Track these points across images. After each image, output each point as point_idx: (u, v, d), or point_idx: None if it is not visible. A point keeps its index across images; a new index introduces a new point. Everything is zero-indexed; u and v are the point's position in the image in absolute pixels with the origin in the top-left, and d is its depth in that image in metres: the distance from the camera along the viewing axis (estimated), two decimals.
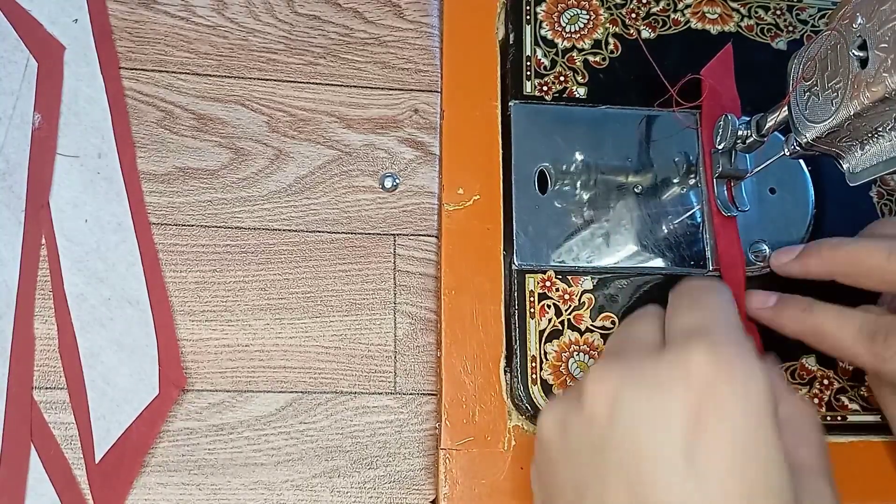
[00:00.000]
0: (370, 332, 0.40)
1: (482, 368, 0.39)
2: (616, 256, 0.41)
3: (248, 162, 0.41)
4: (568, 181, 0.42)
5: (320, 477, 0.38)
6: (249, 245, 0.40)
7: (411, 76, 0.44)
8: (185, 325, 0.39)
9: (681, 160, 0.43)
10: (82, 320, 0.38)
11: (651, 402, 0.26)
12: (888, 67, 0.28)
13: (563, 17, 0.44)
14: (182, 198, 0.40)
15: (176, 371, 0.38)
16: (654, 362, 0.27)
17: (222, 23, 0.43)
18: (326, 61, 0.43)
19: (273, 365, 0.39)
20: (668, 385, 0.26)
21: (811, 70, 0.33)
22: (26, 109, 0.40)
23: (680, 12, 0.45)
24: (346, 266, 0.41)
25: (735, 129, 0.39)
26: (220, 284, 0.40)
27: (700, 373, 0.26)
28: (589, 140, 0.42)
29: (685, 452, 0.25)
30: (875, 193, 0.44)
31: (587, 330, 0.40)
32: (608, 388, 0.27)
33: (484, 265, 0.40)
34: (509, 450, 0.38)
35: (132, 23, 0.42)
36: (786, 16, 0.46)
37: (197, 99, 0.42)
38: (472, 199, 0.41)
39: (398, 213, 0.42)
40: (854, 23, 0.30)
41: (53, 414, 0.37)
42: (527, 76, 0.43)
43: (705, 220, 0.42)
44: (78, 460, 0.37)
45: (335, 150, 0.42)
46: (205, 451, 0.38)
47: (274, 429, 0.38)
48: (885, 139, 0.31)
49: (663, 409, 0.26)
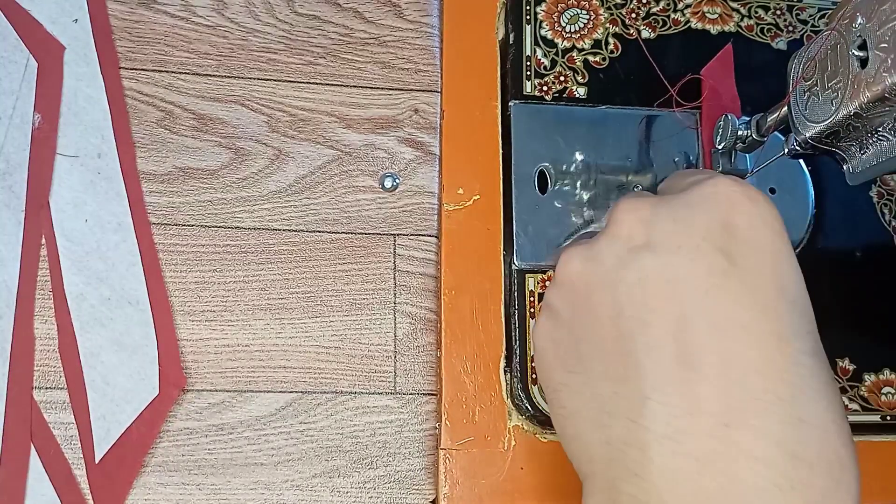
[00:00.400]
0: (370, 332, 0.40)
1: (482, 368, 0.39)
2: None
3: (248, 162, 0.41)
4: (568, 181, 0.42)
5: (320, 477, 0.38)
6: (249, 245, 0.40)
7: (411, 76, 0.44)
8: (185, 325, 0.39)
9: (681, 160, 0.43)
10: (82, 320, 0.38)
11: (686, 218, 0.27)
12: (888, 67, 0.28)
13: (563, 17, 0.44)
14: (182, 198, 0.40)
15: (176, 371, 0.38)
16: (679, 193, 0.28)
17: (222, 23, 0.43)
18: (326, 61, 0.43)
19: (273, 365, 0.39)
20: (700, 204, 0.27)
21: (811, 70, 0.33)
22: (26, 109, 0.40)
23: (680, 12, 0.45)
24: (346, 266, 0.41)
25: (735, 129, 0.39)
26: (220, 284, 0.40)
27: (726, 193, 0.27)
28: (589, 140, 0.42)
29: (725, 253, 0.26)
30: (875, 193, 0.44)
31: None
32: (640, 212, 0.28)
33: (484, 265, 0.40)
34: (509, 450, 0.38)
35: (132, 23, 0.42)
36: (786, 16, 0.46)
37: (197, 99, 0.42)
38: (472, 199, 0.41)
39: (398, 213, 0.42)
40: (854, 23, 0.30)
41: (53, 414, 0.37)
42: (527, 76, 0.43)
43: None
44: (78, 460, 0.37)
45: (335, 150, 0.42)
46: (205, 451, 0.38)
47: (274, 429, 0.38)
48: (885, 139, 0.31)
49: (699, 221, 0.27)
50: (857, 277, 0.43)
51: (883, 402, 0.41)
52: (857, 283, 0.43)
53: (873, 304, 0.42)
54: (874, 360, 0.41)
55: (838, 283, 0.42)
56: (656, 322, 0.26)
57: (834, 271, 0.42)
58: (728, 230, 0.26)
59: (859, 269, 0.43)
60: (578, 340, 0.29)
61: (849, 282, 0.43)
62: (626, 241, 0.28)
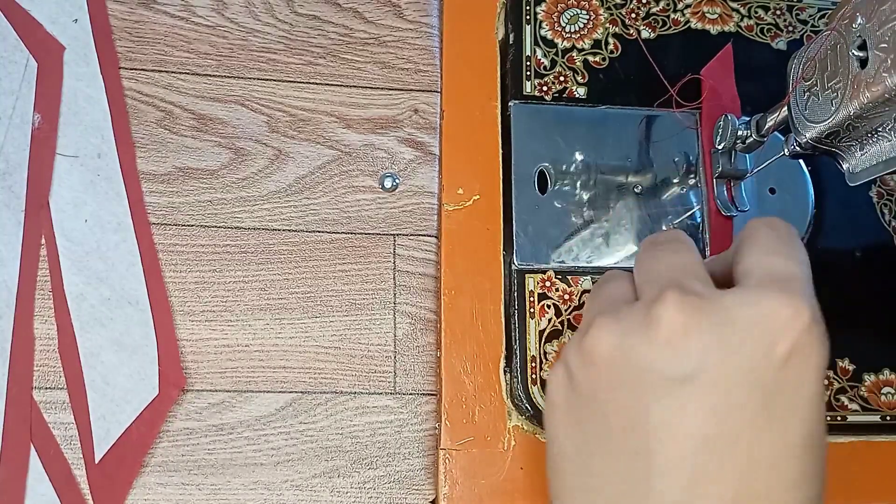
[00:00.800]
0: (370, 332, 0.40)
1: (482, 368, 0.39)
2: (616, 256, 0.41)
3: (247, 162, 0.41)
4: (568, 181, 0.42)
5: (320, 477, 0.38)
6: (249, 245, 0.40)
7: (411, 76, 0.44)
8: (185, 325, 0.39)
9: (681, 160, 0.43)
10: (82, 320, 0.38)
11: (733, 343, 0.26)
12: (888, 67, 0.28)
13: (562, 17, 0.44)
14: (182, 198, 0.40)
15: (176, 371, 0.38)
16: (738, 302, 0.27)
17: (222, 23, 0.43)
18: (326, 61, 0.43)
19: (273, 365, 0.39)
20: (754, 328, 0.26)
21: (811, 70, 0.33)
22: (26, 109, 0.40)
23: (680, 12, 0.45)
24: (346, 266, 0.41)
25: (735, 129, 0.39)
26: (220, 284, 0.40)
27: (789, 322, 0.26)
28: (589, 140, 0.42)
29: (764, 391, 0.26)
30: (875, 193, 0.44)
31: None
32: (688, 321, 0.26)
33: (484, 265, 0.40)
34: (509, 450, 0.38)
35: (132, 23, 0.42)
36: (786, 16, 0.46)
37: (197, 99, 0.42)
38: (472, 199, 0.41)
39: (398, 213, 0.42)
40: (854, 23, 0.30)
41: (53, 414, 0.37)
42: (527, 76, 0.43)
43: (705, 220, 0.42)
44: (78, 460, 0.37)
45: (335, 150, 0.42)
46: (205, 451, 0.38)
47: (274, 429, 0.38)
48: (885, 139, 0.31)
49: (746, 349, 0.26)
50: (857, 277, 0.43)
51: (883, 402, 0.41)
52: (856, 283, 0.43)
53: (873, 304, 0.42)
54: (874, 360, 0.41)
55: (838, 283, 0.42)
56: (676, 447, 0.26)
57: (834, 271, 0.42)
58: (776, 366, 0.26)
59: (859, 269, 0.43)
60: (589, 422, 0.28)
61: (849, 282, 0.43)
62: (662, 350, 0.27)
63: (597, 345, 0.28)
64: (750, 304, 0.26)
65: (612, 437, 0.27)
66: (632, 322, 0.27)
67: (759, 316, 0.26)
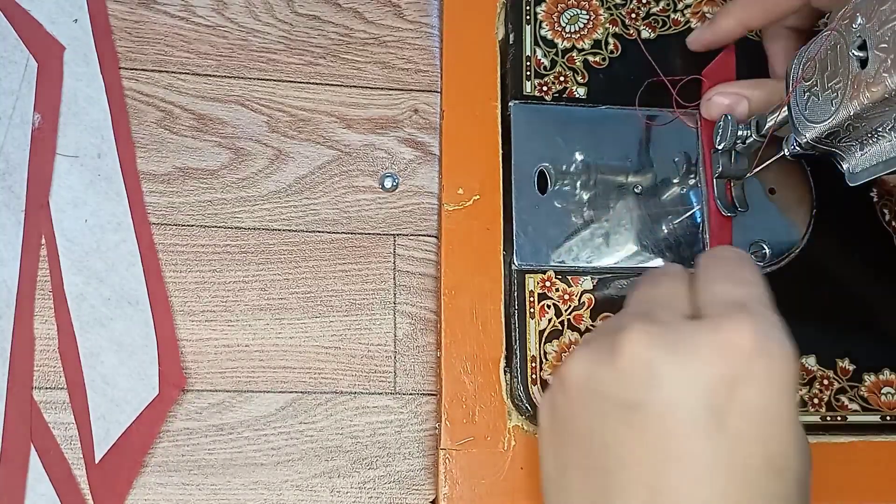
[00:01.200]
0: (370, 332, 0.40)
1: (482, 368, 0.39)
2: (616, 256, 0.41)
3: (247, 162, 0.41)
4: (568, 181, 0.42)
5: (320, 477, 0.38)
6: (249, 245, 0.40)
7: (411, 76, 0.44)
8: (185, 325, 0.39)
9: (681, 160, 0.43)
10: (82, 320, 0.38)
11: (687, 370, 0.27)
12: (888, 67, 0.28)
13: (562, 17, 0.44)
14: (182, 198, 0.40)
15: (176, 371, 0.38)
16: (692, 330, 0.28)
17: (222, 23, 0.43)
18: (326, 61, 0.43)
19: (273, 365, 0.39)
20: (707, 354, 0.27)
21: (811, 70, 0.33)
22: (26, 109, 0.40)
23: (680, 12, 0.45)
24: (346, 266, 0.41)
25: (735, 129, 0.39)
26: (220, 284, 0.40)
27: (740, 345, 0.27)
28: (589, 140, 0.42)
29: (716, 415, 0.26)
30: (875, 193, 0.44)
31: (587, 330, 0.40)
32: (644, 351, 0.28)
33: (484, 265, 0.40)
34: (509, 450, 0.38)
35: (132, 23, 0.42)
36: None
37: (197, 99, 0.42)
38: (472, 199, 0.41)
39: (398, 213, 0.42)
40: (854, 23, 0.30)
41: (53, 414, 0.37)
42: (527, 76, 0.43)
43: (705, 220, 0.42)
44: (78, 460, 0.37)
45: (335, 150, 0.42)
46: (205, 451, 0.38)
47: (274, 429, 0.38)
48: (885, 139, 0.31)
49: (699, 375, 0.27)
50: (856, 277, 0.43)
51: (883, 402, 0.41)
52: (856, 283, 0.43)
53: (873, 304, 0.42)
54: (874, 360, 0.41)
55: (838, 283, 0.42)
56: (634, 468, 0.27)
57: (834, 271, 0.42)
58: (730, 389, 0.27)
59: (859, 269, 0.43)
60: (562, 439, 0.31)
61: (848, 282, 0.43)
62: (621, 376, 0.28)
63: (569, 373, 0.30)
64: (705, 331, 0.28)
65: (582, 460, 0.29)
66: (599, 351, 0.29)
67: (714, 343, 0.27)
